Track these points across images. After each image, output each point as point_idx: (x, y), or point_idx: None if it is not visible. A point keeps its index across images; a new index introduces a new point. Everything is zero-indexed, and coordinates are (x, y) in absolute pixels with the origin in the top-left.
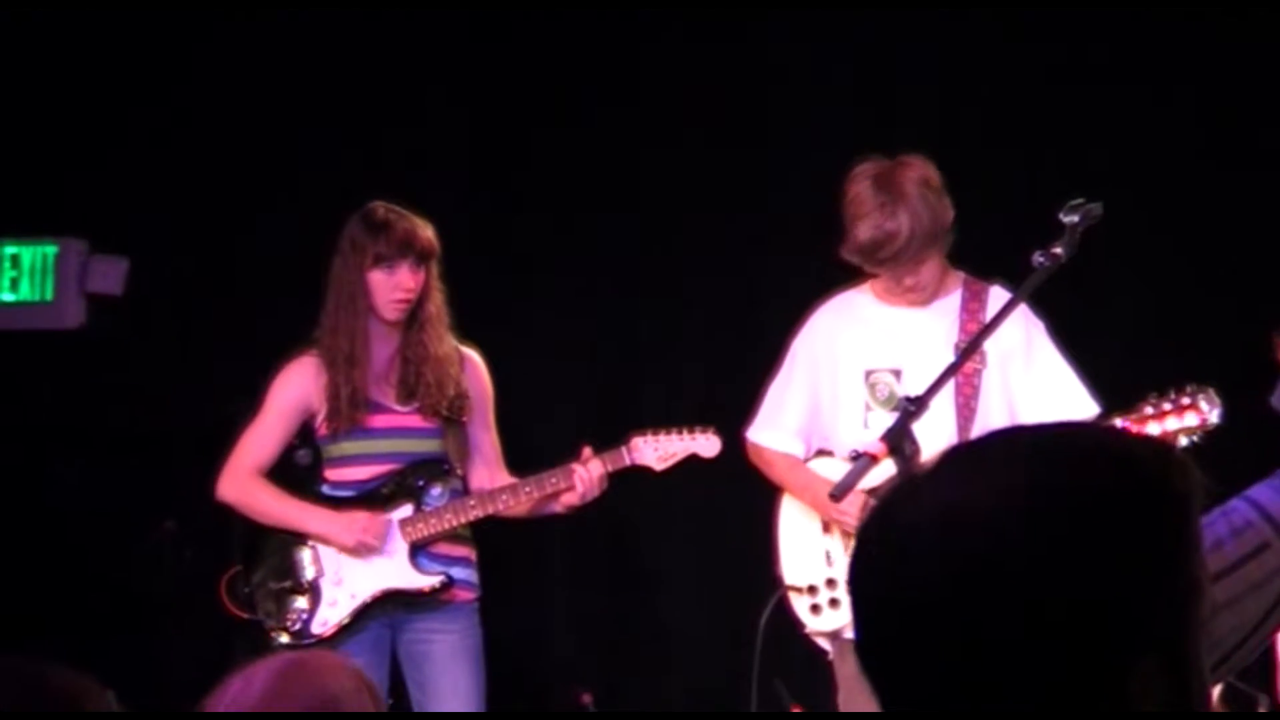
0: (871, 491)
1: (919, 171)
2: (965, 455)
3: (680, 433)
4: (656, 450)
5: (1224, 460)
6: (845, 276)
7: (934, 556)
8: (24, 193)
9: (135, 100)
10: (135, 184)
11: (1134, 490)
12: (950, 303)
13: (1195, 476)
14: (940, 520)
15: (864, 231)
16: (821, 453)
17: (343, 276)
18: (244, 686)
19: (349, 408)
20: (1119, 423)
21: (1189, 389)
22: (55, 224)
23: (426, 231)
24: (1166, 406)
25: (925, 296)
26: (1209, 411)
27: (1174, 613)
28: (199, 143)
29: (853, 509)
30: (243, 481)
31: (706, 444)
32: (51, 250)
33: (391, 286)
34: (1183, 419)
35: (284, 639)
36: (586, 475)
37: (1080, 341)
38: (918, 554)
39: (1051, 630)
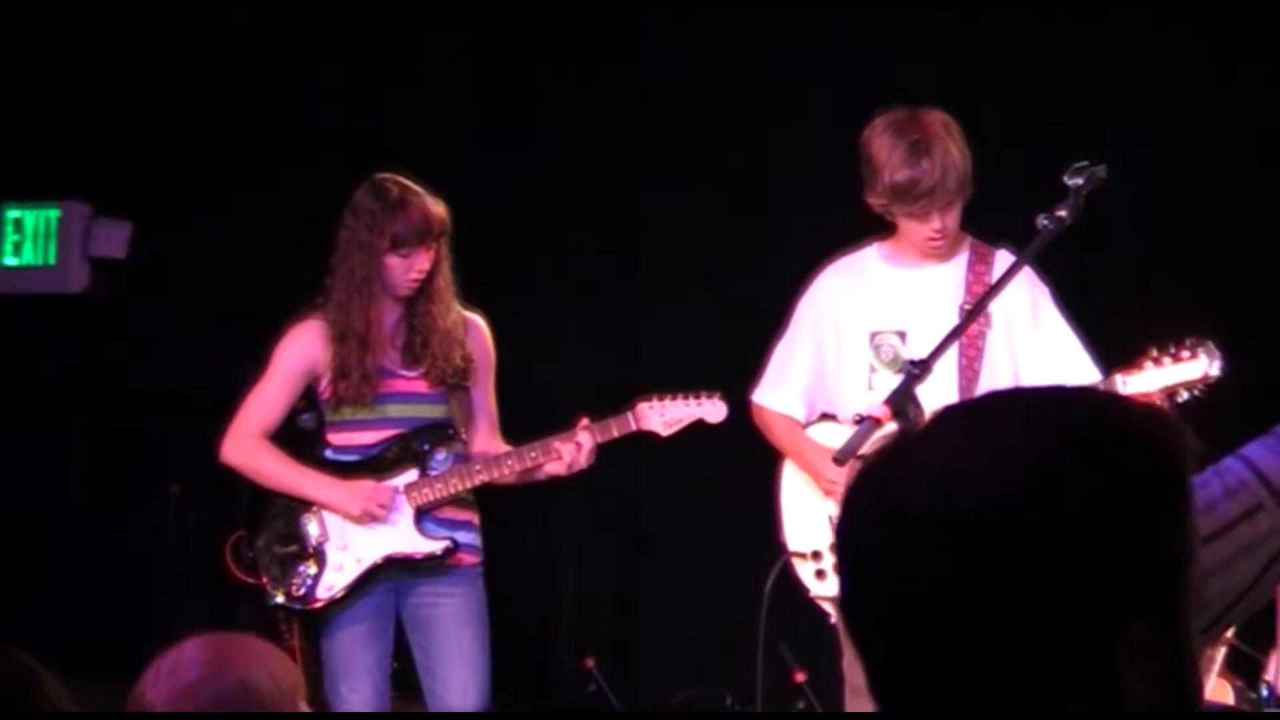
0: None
1: (941, 117)
2: (957, 416)
3: (686, 398)
4: (663, 416)
5: (1223, 416)
6: (855, 237)
7: (925, 516)
8: (27, 157)
9: (137, 64)
10: (138, 147)
11: (1127, 453)
12: (957, 264)
13: (1188, 440)
14: (931, 480)
15: (898, 172)
16: (825, 416)
17: (355, 256)
18: (174, 663)
19: (359, 385)
20: (1120, 376)
21: (1189, 342)
22: (59, 188)
23: (439, 209)
24: (1166, 360)
25: (946, 247)
26: (1209, 364)
27: (1165, 577)
28: (201, 105)
29: (845, 478)
30: (247, 445)
31: (713, 409)
32: (55, 214)
33: (406, 268)
34: (1182, 371)
35: (280, 599)
36: (572, 448)
37: (1082, 302)
38: (908, 513)
39: (1042, 593)
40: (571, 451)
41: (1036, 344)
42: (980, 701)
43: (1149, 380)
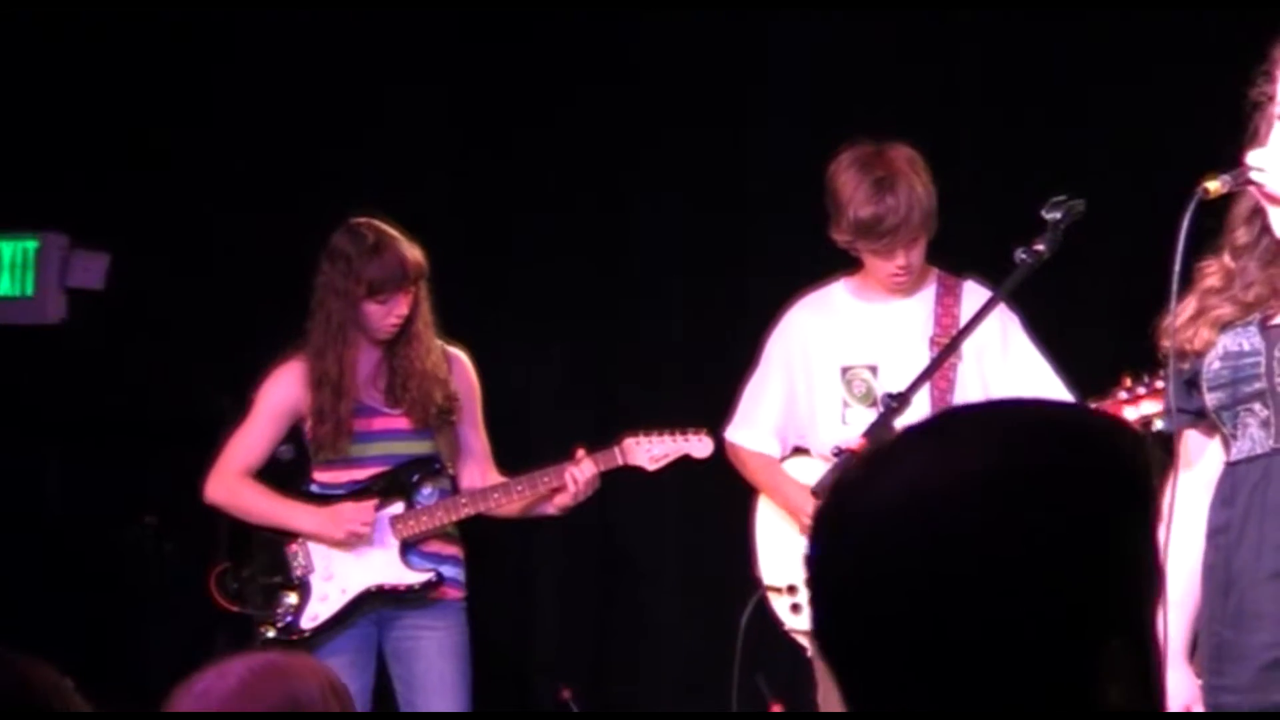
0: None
1: (906, 152)
2: (920, 436)
3: (673, 434)
4: (649, 451)
5: None
6: (831, 269)
7: (896, 540)
8: (4, 187)
9: (115, 94)
10: (116, 178)
11: (1093, 466)
12: (925, 297)
13: (1154, 454)
14: (900, 503)
15: (862, 209)
16: (798, 450)
17: (332, 302)
18: (216, 679)
19: (334, 433)
20: (1093, 407)
21: (1163, 372)
22: (36, 218)
23: (416, 253)
24: (1141, 390)
25: (911, 282)
26: None
27: (1140, 590)
28: (179, 136)
29: None
30: (231, 483)
31: (699, 445)
32: (32, 245)
33: (385, 314)
34: (1158, 402)
35: (272, 634)
36: (579, 475)
37: (1055, 329)
38: (878, 538)
39: (1019, 612)
40: (577, 481)
41: (1008, 372)
42: None
43: (1123, 412)
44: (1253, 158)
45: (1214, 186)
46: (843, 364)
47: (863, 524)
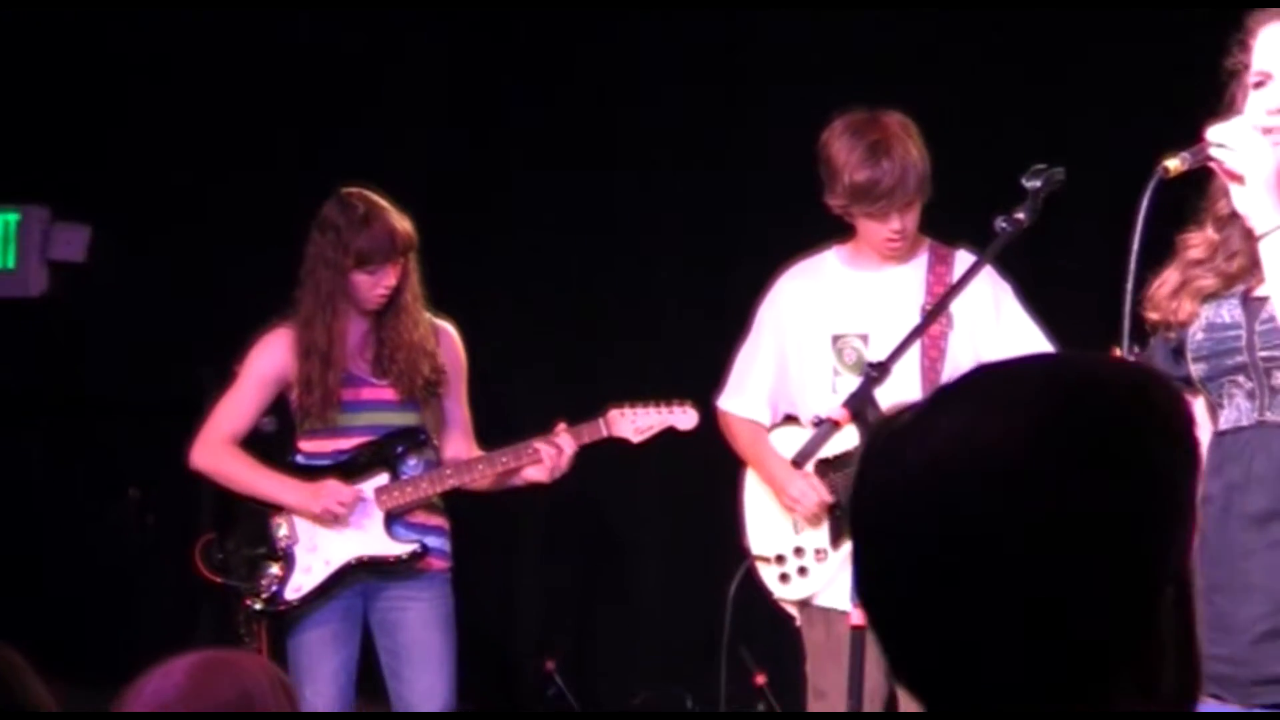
0: (831, 461)
1: (899, 118)
2: (961, 392)
3: (658, 406)
4: (634, 423)
5: None
6: (817, 239)
7: (951, 495)
8: None
9: (96, 66)
10: (97, 150)
11: (1145, 417)
12: (917, 266)
13: (1190, 404)
14: (952, 451)
15: (857, 173)
16: (789, 419)
17: (321, 272)
18: (162, 681)
19: (321, 402)
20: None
21: (1152, 341)
22: (17, 191)
23: (405, 225)
24: (1130, 360)
25: (905, 248)
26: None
27: (1182, 540)
28: (162, 107)
29: (806, 501)
30: (216, 451)
31: (684, 417)
32: (14, 218)
33: (373, 285)
34: None
35: (258, 605)
36: (554, 451)
37: (1046, 299)
38: (932, 494)
39: (1081, 570)
40: (553, 456)
41: (1000, 340)
42: (1011, 682)
43: None
44: (1213, 133)
45: (1174, 165)
46: (833, 332)
47: (913, 481)
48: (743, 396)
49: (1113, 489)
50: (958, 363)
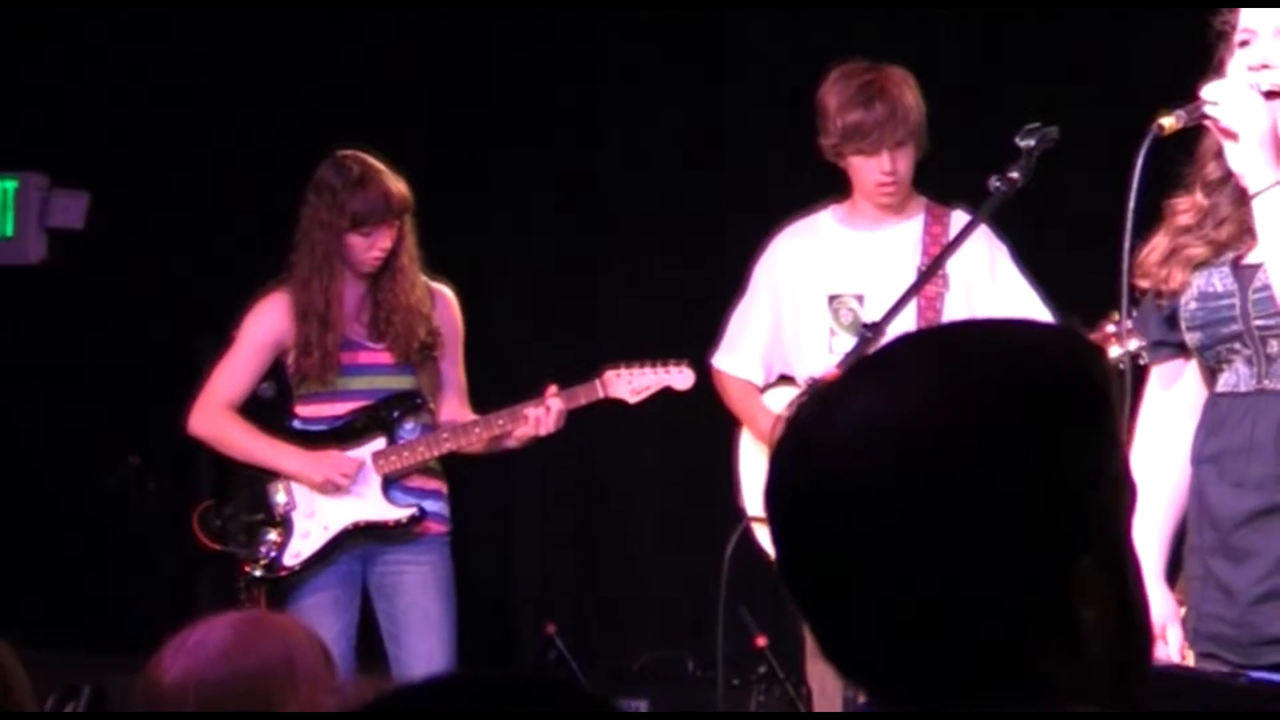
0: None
1: (898, 70)
2: (873, 367)
3: (654, 366)
4: (630, 383)
5: None
6: (813, 198)
7: (857, 473)
8: None
9: (95, 34)
10: (95, 117)
11: (1048, 379)
12: (913, 226)
13: (1109, 364)
14: (858, 436)
15: (850, 112)
16: (784, 379)
17: (317, 234)
18: (205, 634)
19: (320, 364)
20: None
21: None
22: (15, 158)
23: (401, 186)
24: (1129, 325)
25: (899, 194)
26: None
27: (1105, 508)
28: (158, 74)
29: None
30: (214, 417)
31: (680, 377)
32: (11, 185)
33: (368, 246)
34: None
35: (258, 572)
36: (541, 414)
37: (1043, 259)
38: (840, 473)
39: (989, 538)
40: (540, 415)
41: (996, 301)
42: (936, 657)
43: (1110, 347)
44: (1207, 91)
45: (1169, 123)
46: (829, 292)
47: (822, 461)
48: (736, 355)
49: (997, 455)
50: None
